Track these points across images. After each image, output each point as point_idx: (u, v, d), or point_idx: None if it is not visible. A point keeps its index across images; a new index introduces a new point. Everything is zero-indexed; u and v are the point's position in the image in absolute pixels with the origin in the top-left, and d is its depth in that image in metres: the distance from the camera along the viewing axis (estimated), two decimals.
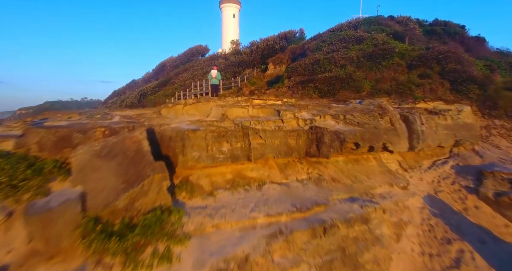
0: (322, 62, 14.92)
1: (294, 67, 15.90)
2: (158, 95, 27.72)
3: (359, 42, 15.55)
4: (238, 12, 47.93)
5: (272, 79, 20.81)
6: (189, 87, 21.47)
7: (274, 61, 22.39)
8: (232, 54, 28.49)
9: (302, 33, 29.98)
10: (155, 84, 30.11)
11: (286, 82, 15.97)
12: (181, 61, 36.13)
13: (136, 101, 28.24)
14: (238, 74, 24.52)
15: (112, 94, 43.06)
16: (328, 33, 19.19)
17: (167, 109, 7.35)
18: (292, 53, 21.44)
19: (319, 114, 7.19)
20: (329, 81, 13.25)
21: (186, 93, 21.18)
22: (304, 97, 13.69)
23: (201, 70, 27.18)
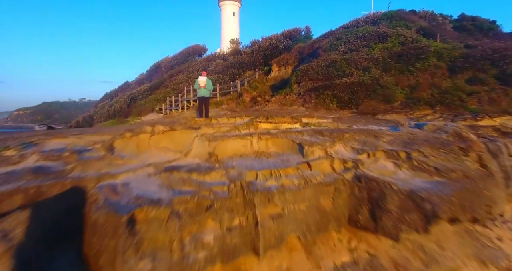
0: (340, 64, 12.33)
1: (305, 69, 13.30)
2: (149, 99, 25.12)
3: (383, 40, 12.96)
4: (238, 10, 45.36)
5: (277, 83, 18.21)
6: (182, 92, 18.88)
7: (278, 62, 19.78)
8: (231, 54, 25.91)
9: (308, 31, 27.40)
10: (146, 87, 27.53)
11: (295, 88, 13.36)
12: (176, 62, 33.56)
13: (125, 106, 25.66)
14: (238, 76, 21.92)
15: (103, 96, 40.51)
16: (342, 30, 16.62)
17: (123, 141, 4.68)
18: (300, 53, 18.83)
19: (364, 149, 4.55)
20: (351, 88, 10.65)
21: (178, 99, 18.59)
22: (319, 107, 11.10)
23: (197, 72, 24.58)
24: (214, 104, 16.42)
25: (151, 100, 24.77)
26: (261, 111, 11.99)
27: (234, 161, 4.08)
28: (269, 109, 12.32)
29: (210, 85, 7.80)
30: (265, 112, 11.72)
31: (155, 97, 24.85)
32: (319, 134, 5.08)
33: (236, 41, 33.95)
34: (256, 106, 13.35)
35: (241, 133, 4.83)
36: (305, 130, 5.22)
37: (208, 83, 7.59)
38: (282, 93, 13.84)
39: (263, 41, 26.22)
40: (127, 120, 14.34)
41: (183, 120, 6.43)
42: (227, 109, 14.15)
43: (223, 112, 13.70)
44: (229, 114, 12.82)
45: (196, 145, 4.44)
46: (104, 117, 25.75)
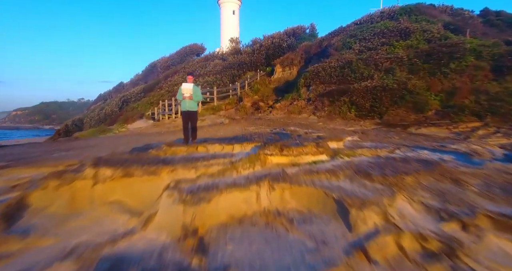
0: (356, 65, 10.54)
1: (315, 71, 11.51)
2: (142, 102, 23.34)
3: (405, 37, 11.17)
4: (238, 9, 43.47)
5: (281, 85, 16.42)
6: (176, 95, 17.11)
7: (282, 62, 17.98)
8: (231, 54, 24.11)
9: (313, 29, 25.58)
10: (140, 89, 25.74)
11: (303, 92, 11.57)
12: (173, 62, 31.77)
13: (116, 109, 23.88)
14: (238, 77, 20.13)
15: (97, 98, 38.75)
16: (354, 27, 14.83)
17: (45, 193, 2.84)
18: (306, 52, 17.03)
19: (449, 210, 2.74)
20: (372, 94, 8.87)
21: (172, 103, 16.78)
22: (334, 117, 9.31)
23: (194, 73, 22.83)
24: (211, 109, 14.64)
25: (144, 103, 22.99)
26: (264, 120, 10.22)
27: (228, 241, 2.32)
28: (273, 117, 10.53)
29: (198, 94, 5.51)
30: (270, 123, 9.96)
31: (148, 100, 23.06)
32: (364, 176, 3.24)
33: (236, 40, 32.17)
34: (258, 113, 11.57)
35: (242, 179, 3.02)
36: (340, 167, 3.36)
37: (196, 92, 5.40)
38: (288, 98, 12.05)
39: (265, 39, 24.42)
40: (111, 128, 12.56)
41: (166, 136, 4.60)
42: (225, 116, 12.37)
43: (220, 119, 11.92)
44: (227, 122, 11.06)
45: (165, 206, 2.62)
46: (94, 121, 23.98)
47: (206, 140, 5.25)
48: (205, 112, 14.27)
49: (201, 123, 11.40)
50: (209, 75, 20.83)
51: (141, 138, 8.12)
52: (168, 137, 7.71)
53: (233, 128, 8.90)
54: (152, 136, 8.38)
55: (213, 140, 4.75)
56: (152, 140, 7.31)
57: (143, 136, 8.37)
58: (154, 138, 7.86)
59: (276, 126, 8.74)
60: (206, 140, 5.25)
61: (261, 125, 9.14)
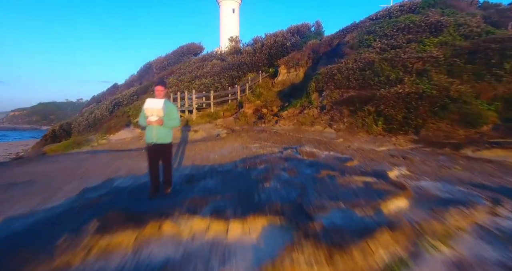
0: (379, 66, 8.75)
1: (329, 73, 9.72)
2: (134, 106, 21.54)
3: (436, 32, 9.36)
4: (238, 7, 41.81)
5: (286, 88, 14.63)
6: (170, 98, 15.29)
7: (287, 63, 16.19)
8: (230, 54, 22.29)
9: (319, 27, 23.76)
10: (132, 91, 23.95)
11: (315, 98, 9.76)
12: (169, 62, 29.97)
13: (107, 113, 22.09)
14: (238, 79, 18.33)
15: (91, 99, 37.01)
16: (370, 22, 13.01)
17: None
18: (314, 51, 15.24)
19: None
20: (405, 102, 7.08)
21: None
22: (356, 130, 7.50)
23: (190, 74, 20.99)
24: (207, 116, 12.84)
25: (136, 107, 21.19)
26: (269, 133, 8.41)
27: None
28: (280, 129, 8.72)
29: (173, 117, 3.42)
30: (276, 137, 8.13)
31: (141, 103, 21.25)
32: None
33: (236, 39, 30.39)
34: (261, 123, 9.76)
35: None
36: None
37: (169, 113, 3.32)
38: (296, 105, 10.25)
39: (267, 38, 22.64)
40: (90, 140, 10.76)
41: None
42: (222, 126, 10.56)
43: (216, 130, 10.12)
44: (225, 135, 9.25)
45: None
46: (83, 126, 22.19)
47: (189, 194, 3.46)
48: (201, 120, 12.47)
49: (193, 136, 9.61)
50: (206, 77, 19.04)
51: (113, 161, 6.31)
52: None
53: (232, 145, 7.10)
54: (129, 158, 6.58)
55: (197, 195, 2.94)
56: (124, 168, 5.51)
57: (117, 158, 6.58)
58: (129, 162, 6.06)
59: (286, 143, 6.94)
60: (189, 194, 3.46)
61: (266, 141, 7.35)
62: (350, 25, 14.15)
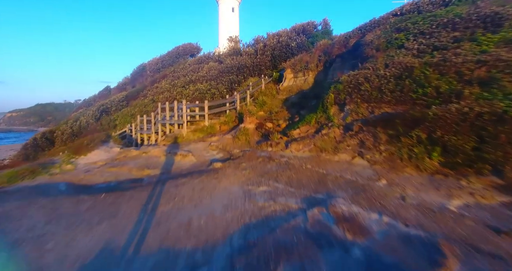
0: (422, 73, 6.67)
1: (353, 82, 7.63)
2: (123, 113, 19.46)
3: (494, 27, 7.27)
4: (238, 5, 39.82)
5: (293, 96, 12.55)
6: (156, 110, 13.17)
7: (293, 66, 14.12)
8: (229, 55, 20.18)
9: (326, 25, 21.69)
10: (122, 96, 21.85)
11: (335, 114, 7.67)
12: (163, 64, 27.89)
13: (93, 121, 19.98)
14: (237, 84, 16.24)
15: (82, 103, 34.95)
16: (396, 19, 10.90)
17: None
18: (325, 53, 13.16)
19: None
20: (475, 126, 4.98)
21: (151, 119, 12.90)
22: (400, 164, 5.39)
23: (184, 78, 18.89)
24: (200, 131, 10.74)
25: (125, 114, 19.12)
26: (279, 164, 6.30)
27: None
28: (293, 157, 6.61)
29: None
30: (290, 174, 5.96)
31: (129, 110, 19.19)
32: None
33: (236, 39, 28.37)
34: (267, 146, 7.64)
35: None
36: None
37: None
38: (310, 121, 8.15)
39: (269, 38, 20.60)
40: (52, 165, 8.63)
41: None
42: (217, 147, 8.46)
43: (209, 153, 8.02)
44: (220, 165, 7.09)
45: None
46: (67, 135, 20.08)
47: None
48: (192, 135, 10.37)
49: (180, 162, 7.51)
50: (202, 82, 16.95)
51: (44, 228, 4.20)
52: (102, 227, 3.80)
53: (229, 188, 5.02)
54: (79, 214, 4.48)
55: None
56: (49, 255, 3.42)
57: (59, 219, 4.48)
58: (66, 234, 3.94)
59: (305, 187, 4.85)
60: None
61: (276, 180, 5.26)
62: (369, 22, 12.05)
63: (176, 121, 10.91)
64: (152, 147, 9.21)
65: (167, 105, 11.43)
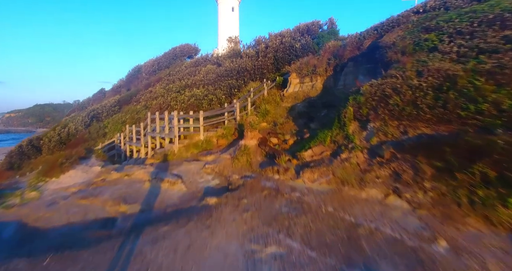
0: (470, 84, 5.25)
1: (377, 93, 6.23)
2: (114, 119, 18.07)
3: None
4: (238, 5, 38.51)
5: (299, 104, 11.16)
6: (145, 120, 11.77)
7: (299, 70, 12.73)
8: (228, 57, 18.77)
9: (332, 25, 20.29)
10: (114, 101, 20.46)
11: (355, 133, 6.27)
12: (159, 66, 26.50)
13: (82, 127, 18.58)
14: (237, 90, 14.85)
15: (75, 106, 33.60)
16: (417, 17, 9.49)
17: None
18: (335, 56, 11.76)
19: None
20: None
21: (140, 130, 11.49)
22: (457, 212, 3.97)
23: (179, 82, 17.48)
24: (194, 147, 9.34)
25: (116, 121, 17.72)
26: (291, 203, 4.89)
27: None
28: (307, 193, 5.20)
29: None
30: (307, 222, 4.36)
31: (121, 117, 17.80)
32: None
33: (235, 40, 27.04)
34: (274, 172, 6.22)
35: None
36: None
37: None
38: (324, 139, 6.75)
39: (271, 38, 19.21)
40: (13, 188, 7.25)
41: None
42: (213, 172, 7.04)
43: (204, 180, 6.62)
44: (214, 202, 5.63)
45: None
46: (54, 143, 18.69)
47: None
48: (185, 152, 8.97)
49: (166, 192, 6.09)
50: (199, 86, 15.55)
51: None
52: None
53: (223, 252, 3.63)
54: None
55: None
56: None
57: None
58: None
59: (331, 252, 3.44)
60: None
61: (288, 234, 3.86)
62: (386, 22, 10.64)
63: (166, 135, 9.49)
64: (137, 168, 7.79)
65: (157, 116, 10.01)
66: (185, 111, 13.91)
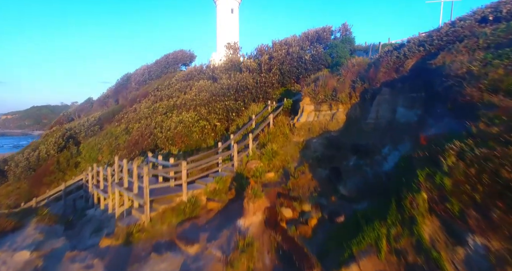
0: None
1: (481, 174, 3.47)
2: (90, 144, 15.31)
3: None
4: (238, 6, 35.77)
5: (314, 142, 8.48)
6: (113, 166, 9.04)
7: (314, 94, 10.05)
8: (226, 70, 15.98)
9: (346, 31, 17.55)
10: (94, 119, 17.67)
11: (441, 252, 3.52)
12: (150, 75, 23.76)
13: (54, 151, 15.80)
14: (236, 114, 12.11)
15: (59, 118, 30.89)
16: (490, 29, 6.78)
17: None
18: (363, 78, 9.03)
19: None
20: None
21: (108, 177, 8.77)
22: None
23: (167, 101, 14.68)
24: (174, 215, 6.59)
25: (92, 146, 14.97)
26: None
27: None
28: None
29: None
30: None
31: (98, 141, 15.04)
32: None
33: (235, 46, 24.29)
34: None
35: None
36: None
37: None
38: (377, 244, 4.03)
39: (275, 47, 16.51)
40: None
41: None
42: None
43: None
44: None
45: None
46: (21, 168, 15.90)
47: None
48: (160, 224, 6.22)
49: None
50: (189, 108, 12.81)
51: None
52: None
53: None
54: None
55: None
56: None
57: None
58: None
59: None
60: None
61: None
62: (436, 34, 7.90)
63: (135, 197, 6.75)
64: (78, 267, 5.05)
65: (124, 165, 7.27)
66: (171, 141, 11.22)
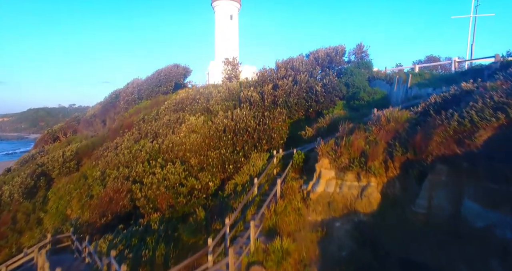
0: None
1: None
2: (60, 190, 12.91)
3: None
4: (237, 13, 33.46)
5: (338, 226, 6.59)
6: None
7: (335, 155, 7.69)
8: (223, 101, 13.56)
9: (361, 52, 15.18)
10: (71, 153, 15.25)
11: None
12: (140, 94, 21.39)
13: (19, 196, 13.40)
14: (233, 167, 9.74)
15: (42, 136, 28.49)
16: None
17: None
18: (404, 142, 6.63)
19: None
20: None
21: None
22: None
23: (152, 144, 12.31)
24: None
25: (62, 195, 12.58)
26: None
27: None
28: None
29: None
30: None
31: (69, 188, 12.64)
32: None
33: (233, 62, 21.98)
34: None
35: None
36: None
37: None
38: None
39: (280, 70, 14.21)
40: None
41: None
42: None
43: None
44: None
45: None
46: None
47: None
48: None
49: None
50: (176, 158, 10.41)
51: None
52: None
53: None
54: None
55: None
56: None
57: None
58: None
59: None
60: None
61: None
62: None
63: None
64: None
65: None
66: (152, 205, 8.90)
